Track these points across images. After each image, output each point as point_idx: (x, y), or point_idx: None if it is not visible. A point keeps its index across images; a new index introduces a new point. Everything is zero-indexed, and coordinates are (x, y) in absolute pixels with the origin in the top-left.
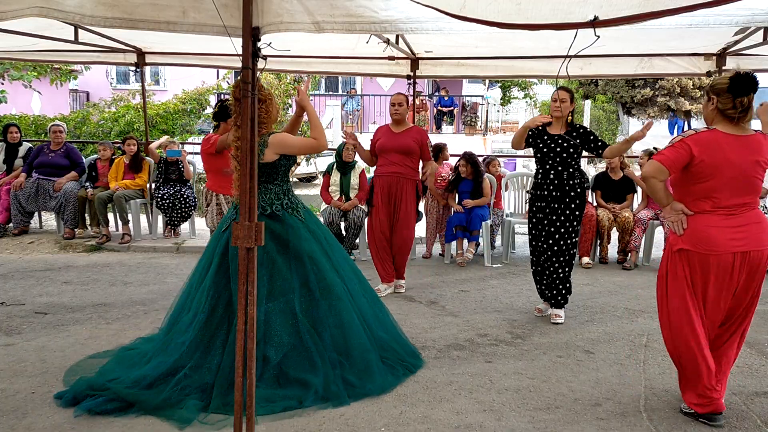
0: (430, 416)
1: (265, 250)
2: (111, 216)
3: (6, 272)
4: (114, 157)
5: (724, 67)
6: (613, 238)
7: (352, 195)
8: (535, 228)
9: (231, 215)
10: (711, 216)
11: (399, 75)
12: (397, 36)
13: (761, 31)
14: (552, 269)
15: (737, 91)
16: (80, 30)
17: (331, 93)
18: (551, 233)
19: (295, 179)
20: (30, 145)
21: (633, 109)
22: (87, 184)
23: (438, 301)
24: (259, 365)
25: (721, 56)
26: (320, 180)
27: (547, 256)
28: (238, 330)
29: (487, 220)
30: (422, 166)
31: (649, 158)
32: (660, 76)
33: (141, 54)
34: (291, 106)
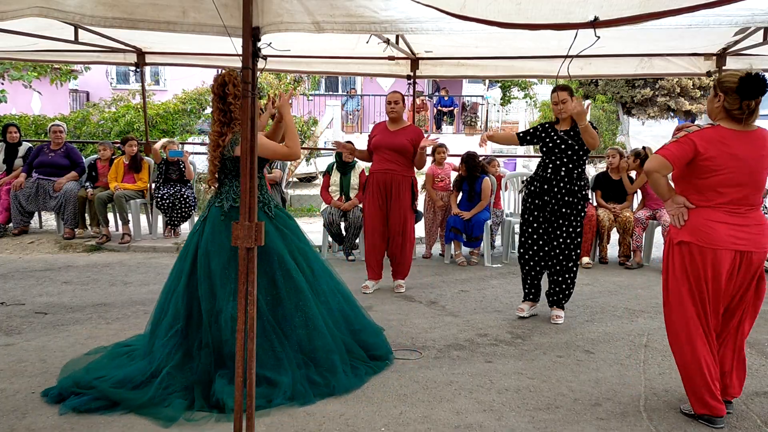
0: (430, 416)
1: (236, 247)
2: (111, 216)
3: (6, 272)
4: (114, 158)
5: (724, 67)
6: (613, 239)
7: (352, 195)
8: (534, 220)
9: (204, 214)
10: (714, 211)
11: (399, 75)
12: (397, 36)
13: (761, 31)
14: (557, 269)
15: (745, 94)
16: (80, 30)
17: (331, 93)
18: (557, 235)
19: (295, 179)
20: (30, 145)
21: (633, 109)
22: (87, 184)
23: (438, 301)
24: (231, 364)
25: (721, 56)
26: (320, 180)
27: (554, 255)
28: (238, 330)
29: (488, 221)
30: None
31: (636, 158)
32: (660, 76)
33: (141, 54)
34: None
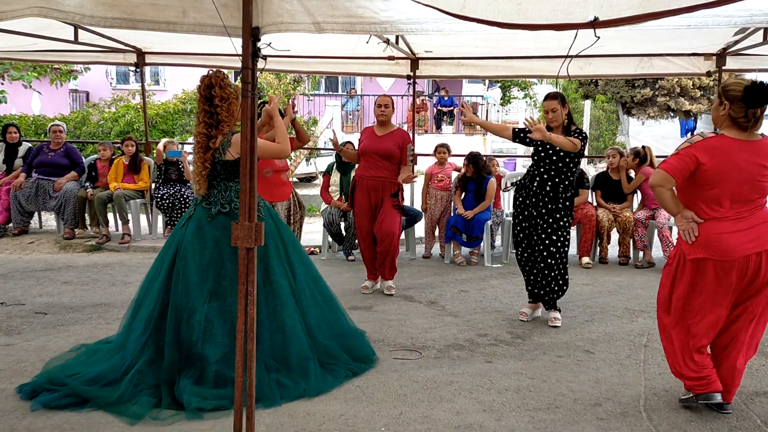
0: (430, 416)
1: (218, 249)
2: (111, 216)
3: (6, 272)
4: (114, 158)
5: (724, 67)
6: (614, 239)
7: None
8: (525, 228)
9: (190, 213)
10: (722, 223)
11: (399, 75)
12: (397, 36)
13: (761, 31)
14: (545, 271)
15: (751, 102)
16: (80, 30)
17: (331, 93)
18: (541, 236)
19: (295, 179)
20: (30, 145)
21: (633, 109)
22: (87, 184)
23: (438, 301)
24: (199, 364)
25: (721, 56)
26: (320, 180)
27: (541, 259)
28: (238, 330)
29: (488, 221)
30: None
31: (635, 157)
32: (660, 76)
33: (141, 54)
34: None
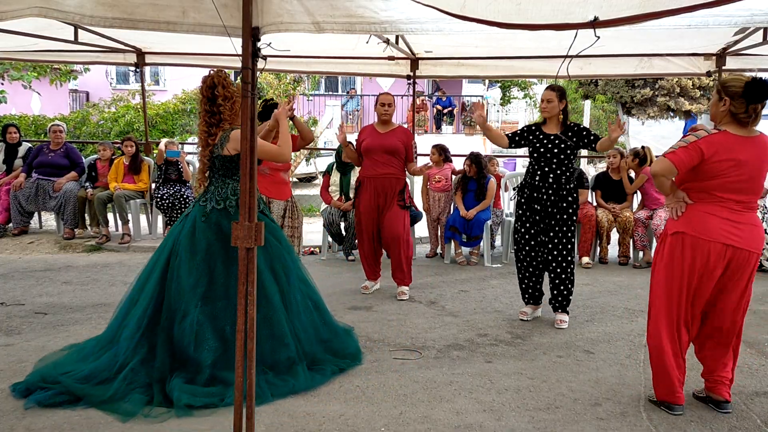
0: (430, 416)
1: (210, 252)
2: (111, 216)
3: (6, 272)
4: (114, 158)
5: (724, 67)
6: (613, 239)
7: (352, 195)
8: (531, 227)
9: (188, 211)
10: (712, 205)
11: (399, 75)
12: (397, 36)
13: (761, 31)
14: (557, 272)
15: (752, 98)
16: (80, 30)
17: (331, 93)
18: (551, 237)
19: (295, 179)
20: (29, 145)
21: (633, 109)
22: (87, 184)
23: (438, 301)
24: (192, 368)
25: (721, 56)
26: (320, 180)
27: (552, 259)
28: (238, 330)
29: (488, 221)
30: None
31: (635, 158)
32: (660, 76)
33: (141, 54)
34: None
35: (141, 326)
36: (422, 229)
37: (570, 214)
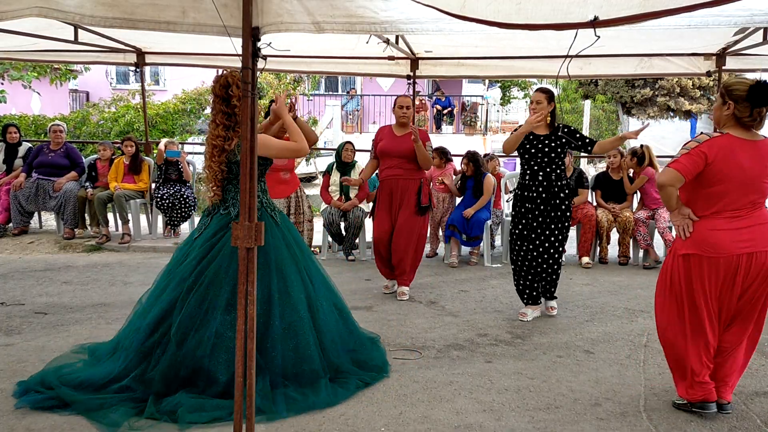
0: (430, 416)
1: (233, 256)
2: (111, 216)
3: (6, 272)
4: (114, 158)
5: (724, 67)
6: (613, 239)
7: (352, 195)
8: (524, 228)
9: (205, 222)
10: (716, 219)
11: (399, 75)
12: (397, 36)
13: (761, 31)
14: (545, 266)
15: (757, 101)
16: (80, 30)
17: (331, 93)
18: (546, 236)
19: None
20: (30, 145)
21: (633, 109)
22: (87, 184)
23: (438, 301)
24: (202, 383)
25: (721, 56)
26: (320, 180)
27: (540, 254)
28: (238, 330)
29: (488, 221)
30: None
31: (633, 156)
32: (660, 76)
33: (141, 54)
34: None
35: (149, 338)
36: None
37: (563, 211)
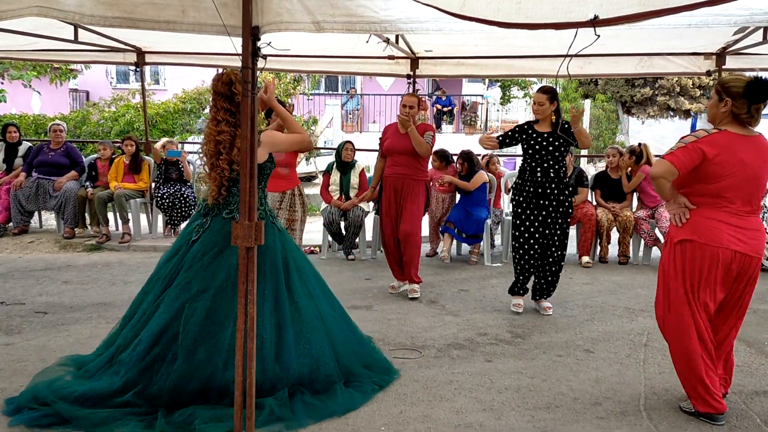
0: (430, 415)
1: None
2: (111, 215)
3: (6, 272)
4: (114, 157)
5: (724, 66)
6: (613, 238)
7: (352, 194)
8: (523, 224)
9: (205, 224)
10: (717, 211)
11: (399, 74)
12: (397, 35)
13: (761, 31)
14: (548, 265)
15: (754, 98)
16: (80, 29)
17: (331, 92)
18: (550, 233)
19: None
20: (30, 145)
21: (633, 109)
22: (87, 184)
23: (438, 301)
24: (214, 396)
25: (721, 56)
26: (320, 179)
27: (550, 254)
28: (238, 329)
29: (488, 220)
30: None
31: (632, 155)
32: (660, 76)
33: (141, 53)
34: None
35: (152, 348)
36: (423, 229)
37: (566, 208)
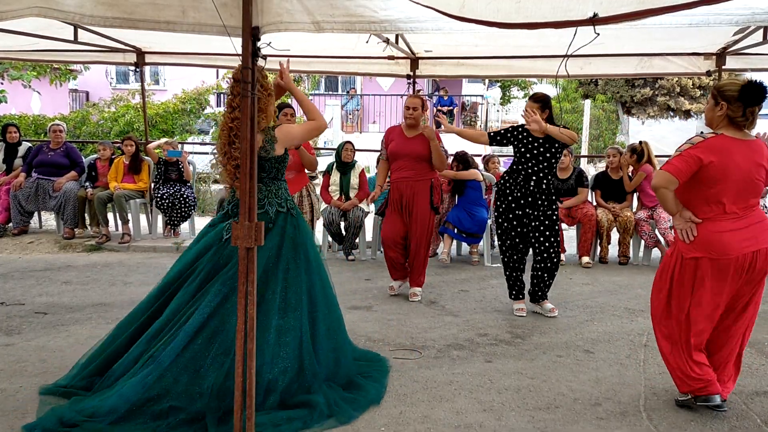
0: (430, 416)
1: (279, 255)
2: (111, 216)
3: (6, 272)
4: (114, 157)
5: (724, 67)
6: (614, 239)
7: (352, 195)
8: (510, 225)
9: (222, 224)
10: (720, 222)
11: (399, 75)
12: (397, 35)
13: (761, 31)
14: (546, 266)
15: (749, 101)
16: (80, 30)
17: (331, 93)
18: (540, 234)
19: None
20: (29, 145)
21: (633, 109)
22: (87, 184)
23: (438, 301)
24: (261, 392)
25: (721, 56)
26: (320, 180)
27: (541, 251)
28: (238, 330)
29: (488, 220)
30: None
31: (633, 154)
32: (660, 76)
33: (140, 54)
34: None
35: (189, 344)
36: None
37: (553, 210)
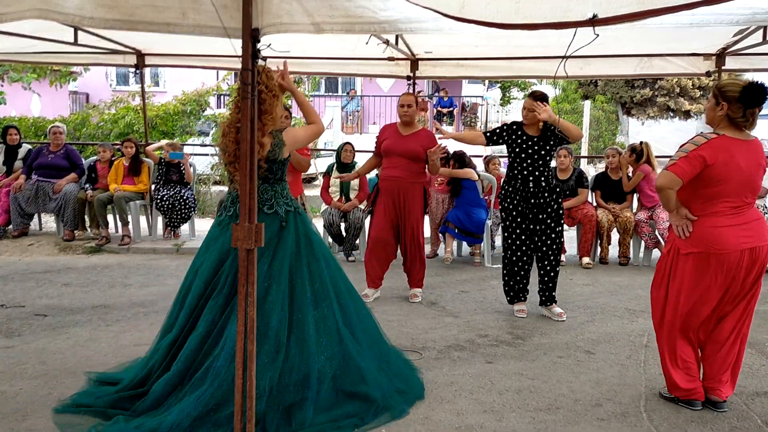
0: (431, 417)
1: (298, 251)
2: (111, 217)
3: (6, 274)
4: (113, 159)
5: (724, 67)
6: (614, 239)
7: (352, 196)
8: (514, 231)
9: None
10: (717, 217)
11: (399, 76)
12: (397, 37)
13: (761, 31)
14: (548, 267)
15: (749, 102)
16: (80, 32)
17: (331, 94)
18: (541, 233)
19: None
20: (29, 147)
21: (632, 110)
22: (86, 186)
23: (438, 302)
24: (314, 382)
25: (721, 56)
26: (320, 181)
27: (543, 255)
28: (238, 331)
29: (488, 221)
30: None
31: (632, 153)
32: (659, 77)
33: (140, 55)
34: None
35: (225, 365)
36: (424, 231)
37: (555, 209)
